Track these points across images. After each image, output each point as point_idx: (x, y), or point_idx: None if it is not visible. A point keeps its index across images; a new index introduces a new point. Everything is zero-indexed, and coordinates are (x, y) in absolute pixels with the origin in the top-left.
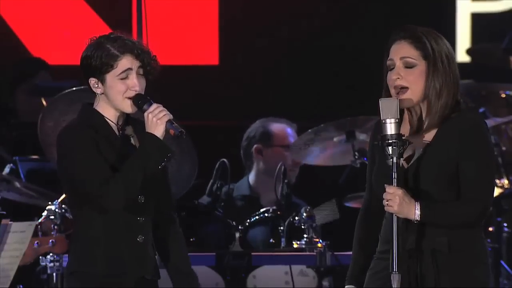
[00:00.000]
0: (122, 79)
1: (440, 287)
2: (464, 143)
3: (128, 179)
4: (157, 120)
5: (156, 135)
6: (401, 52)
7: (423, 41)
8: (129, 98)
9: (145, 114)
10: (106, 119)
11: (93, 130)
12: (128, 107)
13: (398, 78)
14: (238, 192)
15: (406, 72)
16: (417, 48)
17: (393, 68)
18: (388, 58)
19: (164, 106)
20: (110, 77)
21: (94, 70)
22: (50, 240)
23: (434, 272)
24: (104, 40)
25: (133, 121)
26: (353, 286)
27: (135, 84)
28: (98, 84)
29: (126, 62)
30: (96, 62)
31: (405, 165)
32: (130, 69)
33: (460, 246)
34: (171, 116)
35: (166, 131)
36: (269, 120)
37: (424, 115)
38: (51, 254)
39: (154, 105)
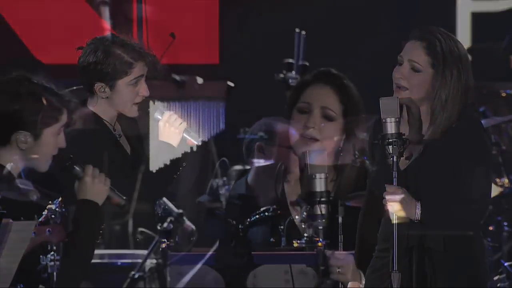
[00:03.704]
0: (132, 85)
1: (436, 286)
2: (460, 146)
3: (150, 196)
4: (175, 130)
5: (173, 144)
6: (412, 54)
7: (437, 49)
8: (137, 103)
9: (160, 123)
10: (105, 121)
11: (96, 136)
12: (135, 112)
13: (401, 78)
14: (235, 190)
15: (411, 74)
16: (428, 54)
17: (401, 64)
18: (400, 54)
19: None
20: (122, 83)
21: (105, 76)
22: (47, 229)
23: (429, 271)
24: (110, 44)
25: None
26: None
27: (146, 90)
28: (105, 89)
29: (139, 69)
30: (108, 69)
31: (403, 165)
32: (142, 75)
33: (457, 245)
34: (186, 125)
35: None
36: (274, 119)
37: (424, 120)
38: (51, 253)
39: (167, 113)
